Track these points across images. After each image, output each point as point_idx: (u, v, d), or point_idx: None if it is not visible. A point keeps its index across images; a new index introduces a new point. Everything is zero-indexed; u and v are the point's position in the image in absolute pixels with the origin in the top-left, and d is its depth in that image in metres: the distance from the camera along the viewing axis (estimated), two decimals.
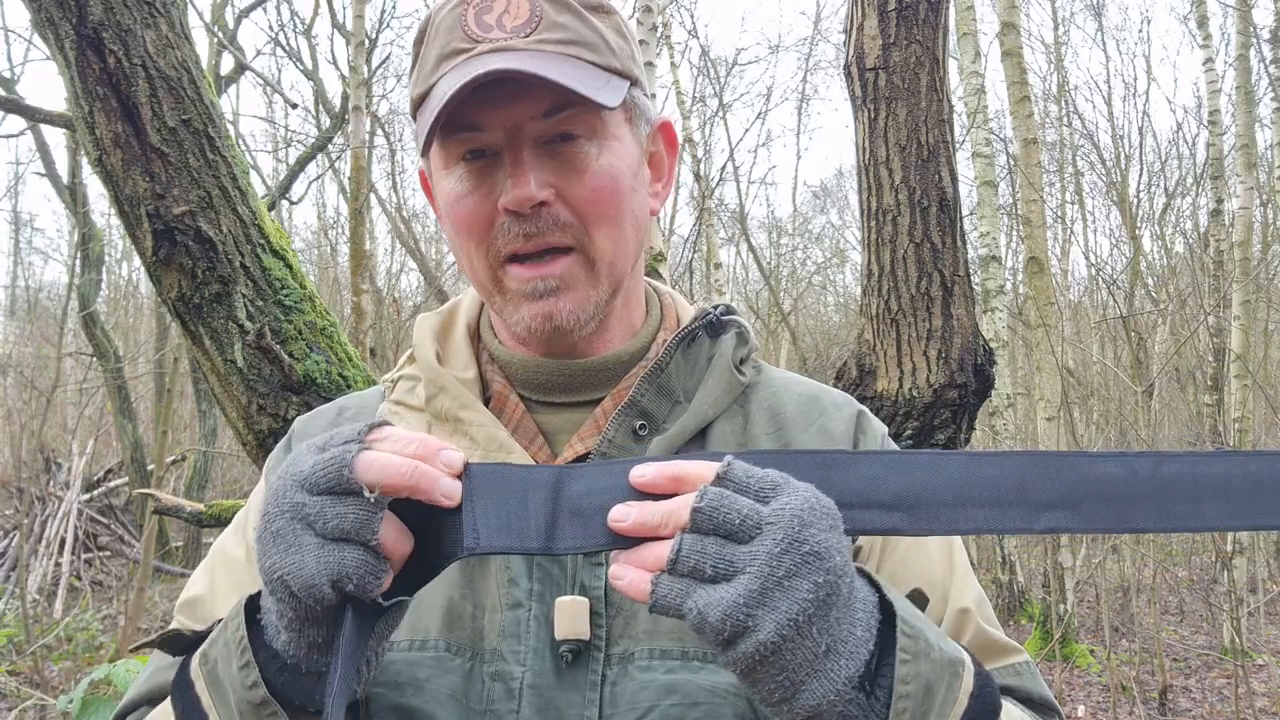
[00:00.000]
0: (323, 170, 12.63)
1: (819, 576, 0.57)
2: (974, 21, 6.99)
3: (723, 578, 0.57)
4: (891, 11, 2.50)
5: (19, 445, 9.28)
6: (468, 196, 0.80)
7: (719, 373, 0.88)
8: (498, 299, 0.84)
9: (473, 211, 0.80)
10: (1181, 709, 5.79)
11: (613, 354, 0.87)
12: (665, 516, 0.59)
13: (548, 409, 0.88)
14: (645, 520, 0.60)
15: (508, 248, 0.80)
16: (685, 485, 0.60)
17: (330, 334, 2.34)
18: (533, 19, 0.80)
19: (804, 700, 0.58)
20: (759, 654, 0.57)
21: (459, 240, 0.83)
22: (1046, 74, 14.93)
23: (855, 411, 0.91)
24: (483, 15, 0.80)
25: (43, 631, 6.64)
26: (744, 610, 0.56)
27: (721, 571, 0.57)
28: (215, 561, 0.93)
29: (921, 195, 2.49)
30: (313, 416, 0.96)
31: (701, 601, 0.57)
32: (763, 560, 0.57)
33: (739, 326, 0.92)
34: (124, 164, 2.07)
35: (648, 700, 0.75)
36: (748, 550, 0.57)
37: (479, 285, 0.85)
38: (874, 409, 2.51)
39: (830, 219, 21.99)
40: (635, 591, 0.59)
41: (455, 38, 0.80)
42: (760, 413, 0.89)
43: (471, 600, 0.80)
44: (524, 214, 0.79)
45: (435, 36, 0.82)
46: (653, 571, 0.59)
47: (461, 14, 0.80)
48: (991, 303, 6.59)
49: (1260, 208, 9.90)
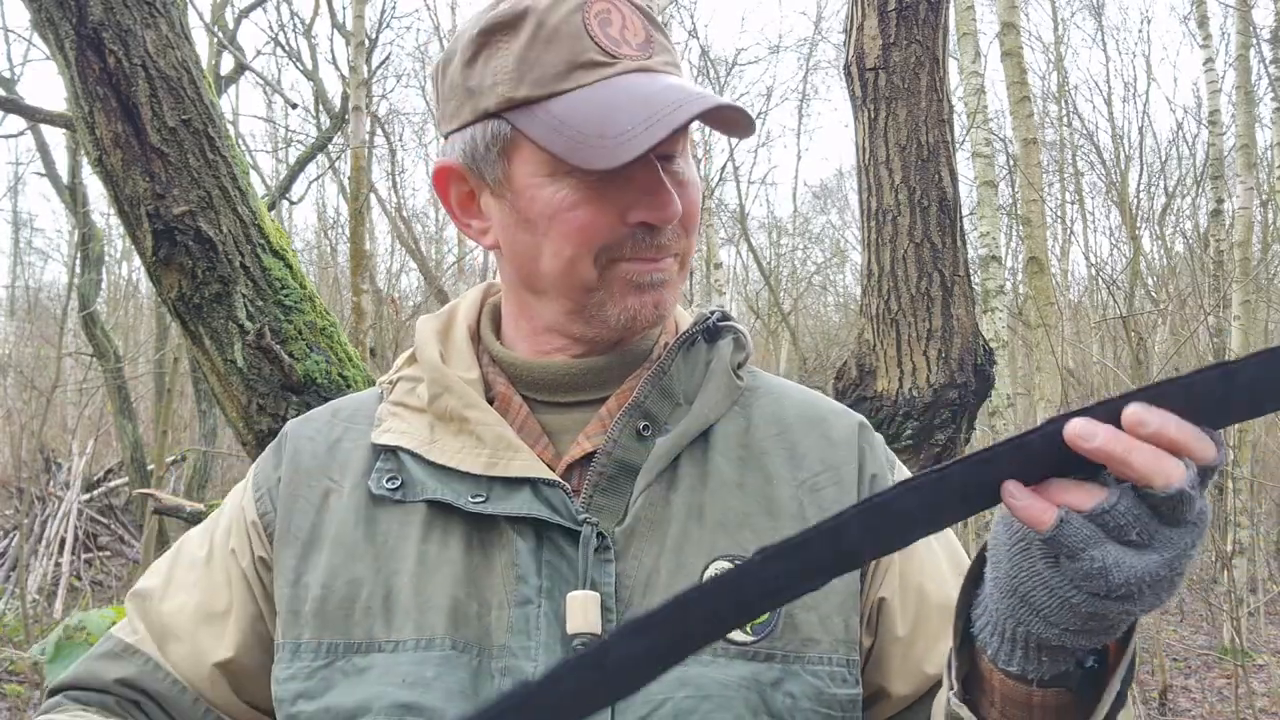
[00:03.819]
0: (323, 170, 12.62)
1: (1183, 580, 0.59)
2: (974, 21, 6.99)
3: (1137, 546, 0.57)
4: (891, 11, 2.50)
5: (19, 445, 9.28)
6: (585, 206, 0.80)
7: (718, 376, 0.89)
8: (597, 294, 0.84)
9: (593, 221, 0.80)
10: (1181, 709, 5.78)
11: (616, 355, 0.89)
12: (1133, 452, 0.55)
13: (551, 409, 0.89)
14: (1113, 446, 0.55)
15: (636, 255, 0.82)
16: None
17: (330, 334, 2.34)
18: (649, 39, 0.82)
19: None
20: (1120, 613, 0.59)
21: (561, 245, 0.82)
22: (1046, 74, 14.93)
23: (857, 421, 0.93)
24: (606, 28, 0.80)
25: (42, 631, 6.64)
26: (1145, 585, 0.57)
27: (1142, 540, 0.57)
28: (177, 557, 0.94)
29: (921, 195, 2.49)
30: (306, 419, 0.96)
31: (1110, 557, 0.56)
32: (1180, 551, 0.57)
33: (735, 332, 0.94)
34: (124, 164, 2.07)
35: (661, 693, 0.76)
36: (1173, 534, 0.57)
37: (573, 286, 0.84)
38: (874, 409, 2.51)
39: (830, 219, 21.99)
40: (1034, 515, 0.57)
41: (587, 48, 0.79)
42: (762, 417, 0.90)
43: (476, 599, 0.80)
44: (660, 228, 0.82)
45: (550, 39, 0.79)
46: (1059, 506, 0.57)
47: (584, 22, 0.79)
48: (991, 303, 6.59)
49: (1260, 208, 9.89)
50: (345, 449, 0.90)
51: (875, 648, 0.86)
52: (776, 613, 0.80)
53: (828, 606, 0.82)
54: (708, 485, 0.85)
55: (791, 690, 0.78)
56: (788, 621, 0.80)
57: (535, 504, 0.81)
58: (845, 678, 0.81)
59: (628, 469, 0.84)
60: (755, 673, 0.78)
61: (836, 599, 0.82)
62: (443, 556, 0.82)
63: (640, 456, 0.84)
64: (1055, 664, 0.63)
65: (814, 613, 0.81)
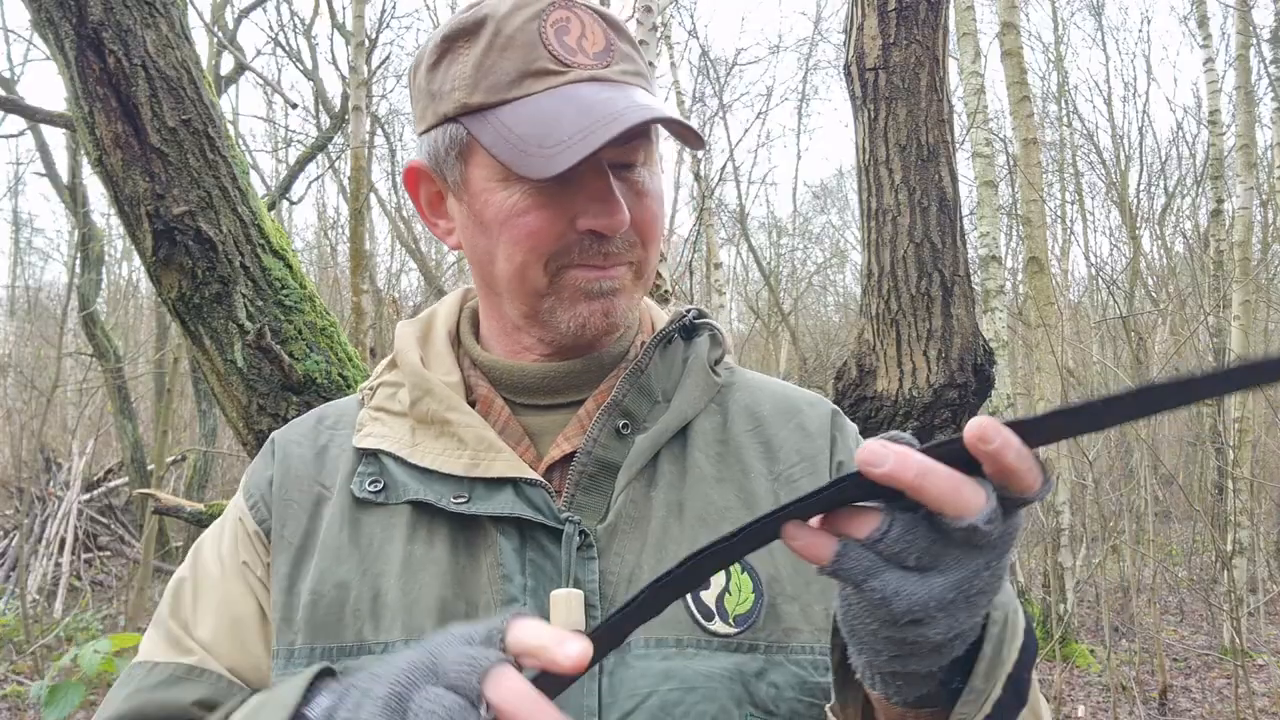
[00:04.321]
0: (323, 170, 12.62)
1: (992, 596, 0.57)
2: (974, 21, 6.99)
3: (920, 569, 0.55)
4: (891, 11, 2.50)
5: (19, 445, 9.28)
6: (535, 212, 0.81)
7: (696, 373, 0.91)
8: (548, 300, 0.84)
9: (542, 228, 0.81)
10: (1181, 709, 5.79)
11: (594, 356, 0.90)
12: (925, 478, 0.53)
13: (532, 411, 0.90)
14: (900, 472, 0.53)
15: (584, 262, 0.83)
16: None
17: (330, 334, 2.34)
18: (609, 47, 0.83)
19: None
20: (919, 638, 0.56)
21: (512, 250, 0.83)
22: (1046, 74, 14.93)
23: (830, 410, 0.94)
24: (563, 36, 0.81)
25: (42, 631, 6.64)
26: (931, 609, 0.55)
27: (923, 565, 0.55)
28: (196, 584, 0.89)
29: (921, 195, 2.49)
30: (292, 426, 0.96)
31: (890, 585, 0.55)
32: (970, 573, 0.55)
33: (712, 329, 0.95)
34: (124, 164, 2.07)
35: (646, 687, 0.77)
36: (961, 555, 0.55)
37: (524, 291, 0.85)
38: (874, 409, 2.51)
39: (830, 219, 21.99)
40: (813, 553, 0.56)
41: (539, 56, 0.80)
42: (738, 411, 0.92)
43: (464, 599, 0.81)
44: (609, 236, 0.82)
45: (505, 46, 0.81)
46: (840, 537, 0.56)
47: (540, 30, 0.80)
48: (991, 303, 6.59)
49: (1260, 208, 9.90)
50: (333, 455, 0.91)
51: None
52: (759, 604, 0.81)
53: (809, 596, 0.83)
54: (687, 481, 0.86)
55: (775, 680, 0.79)
56: (770, 612, 0.81)
57: (518, 504, 0.82)
58: (827, 665, 0.81)
59: (608, 467, 0.85)
60: (739, 664, 0.79)
61: (817, 587, 0.83)
62: (428, 557, 0.82)
63: (620, 454, 0.85)
64: (912, 688, 0.62)
65: (796, 603, 0.82)
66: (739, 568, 0.82)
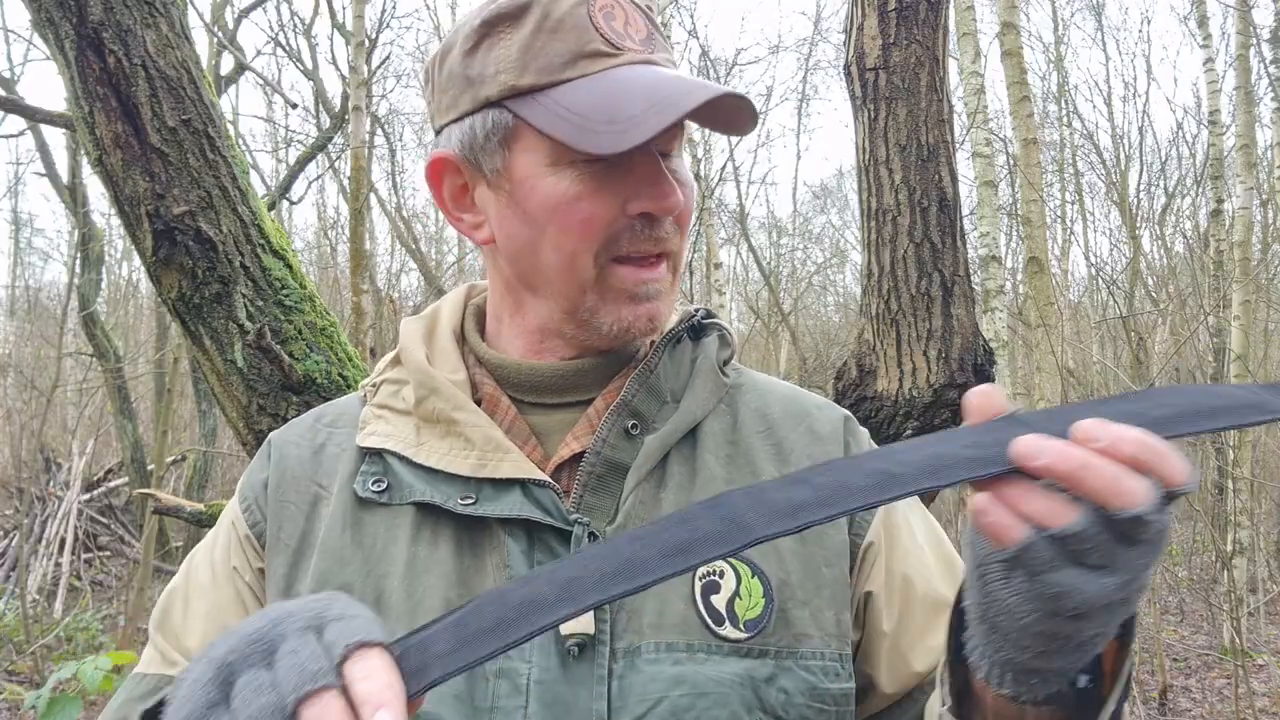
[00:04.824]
0: (323, 170, 12.62)
1: (1144, 593, 0.58)
2: (974, 21, 6.98)
3: (1095, 569, 0.55)
4: (891, 11, 2.50)
5: (19, 445, 9.28)
6: (588, 198, 0.80)
7: (705, 374, 0.90)
8: (591, 298, 0.83)
9: (596, 213, 0.80)
10: (1181, 709, 5.78)
11: (605, 356, 0.88)
12: (1087, 469, 0.53)
13: (539, 410, 0.88)
14: (1060, 465, 0.53)
15: (633, 249, 0.82)
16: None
17: (330, 334, 2.34)
18: (650, 35, 0.83)
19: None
20: (1074, 631, 0.57)
21: (564, 239, 0.81)
22: (1046, 74, 14.93)
23: (842, 415, 0.93)
24: (610, 21, 0.80)
25: (42, 631, 6.64)
26: (1098, 608, 0.56)
27: (1102, 564, 0.55)
28: (188, 591, 0.90)
29: (921, 195, 2.49)
30: (289, 426, 0.95)
31: (1069, 582, 0.54)
32: (1136, 574, 0.56)
33: (720, 329, 0.94)
34: (124, 164, 2.07)
35: (657, 692, 0.76)
36: (1131, 554, 0.55)
37: (570, 284, 0.83)
38: (874, 409, 2.51)
39: (830, 219, 21.98)
40: (1001, 533, 0.55)
41: (592, 39, 0.79)
42: (748, 413, 0.90)
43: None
44: (660, 219, 0.81)
45: (555, 29, 0.79)
46: (1029, 523, 0.54)
47: (589, 14, 0.80)
48: (991, 303, 6.59)
49: (1260, 208, 9.89)
50: (330, 454, 0.89)
51: (863, 642, 0.86)
52: (769, 609, 0.80)
53: (819, 601, 0.82)
54: (697, 483, 0.85)
55: (785, 686, 0.78)
56: (780, 617, 0.80)
57: (526, 505, 0.81)
58: (838, 672, 0.81)
59: (617, 468, 0.84)
60: (749, 669, 0.78)
61: (828, 593, 0.82)
62: (433, 558, 0.81)
63: (629, 455, 0.84)
64: (1046, 685, 0.62)
65: (806, 608, 0.81)
66: (749, 572, 0.81)
